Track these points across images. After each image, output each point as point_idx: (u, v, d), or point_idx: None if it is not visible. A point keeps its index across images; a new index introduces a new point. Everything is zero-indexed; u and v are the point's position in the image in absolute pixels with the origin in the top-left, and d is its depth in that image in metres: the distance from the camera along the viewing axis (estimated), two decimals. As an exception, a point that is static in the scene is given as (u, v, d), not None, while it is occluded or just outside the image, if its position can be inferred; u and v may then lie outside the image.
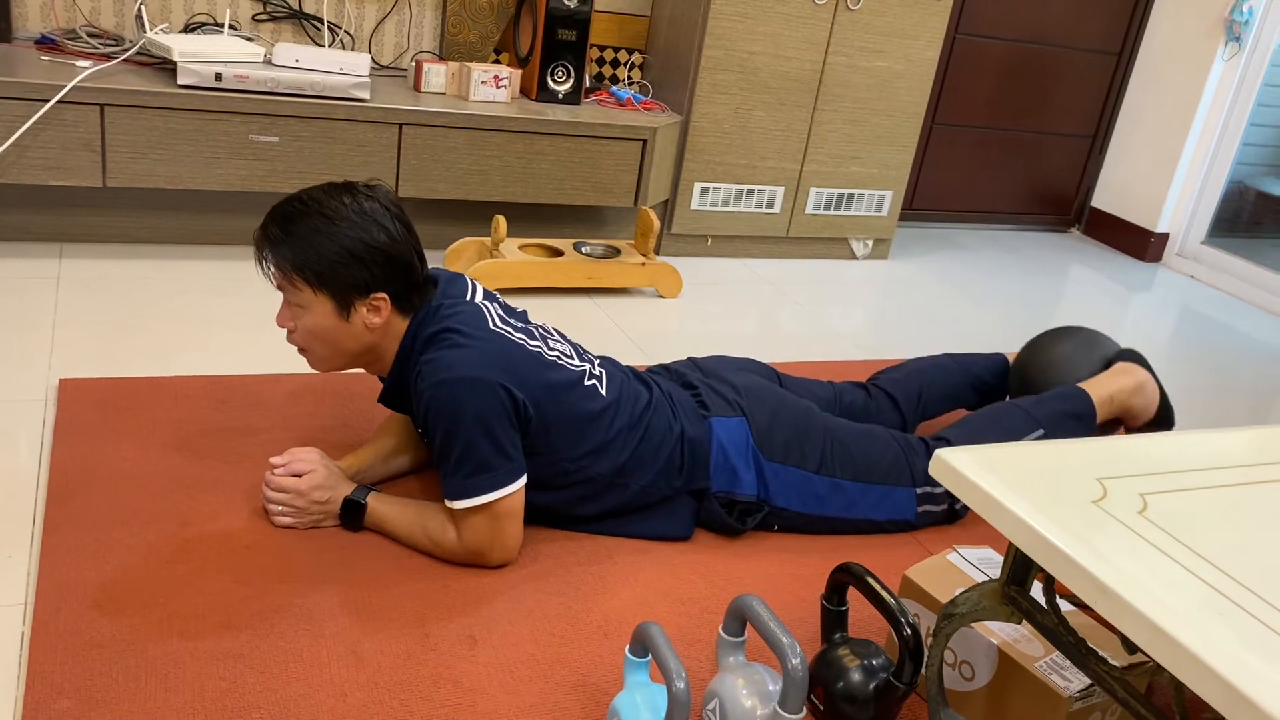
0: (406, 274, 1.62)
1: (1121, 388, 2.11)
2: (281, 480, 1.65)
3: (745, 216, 3.40)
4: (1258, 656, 0.86)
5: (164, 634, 1.41)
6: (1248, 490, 1.15)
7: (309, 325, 1.62)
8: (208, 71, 2.56)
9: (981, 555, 1.57)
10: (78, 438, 1.84)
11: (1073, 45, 4.12)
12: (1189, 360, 3.19)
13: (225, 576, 1.55)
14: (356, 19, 3.11)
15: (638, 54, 3.47)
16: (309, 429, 1.99)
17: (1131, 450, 1.21)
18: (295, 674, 1.38)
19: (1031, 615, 1.16)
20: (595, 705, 1.41)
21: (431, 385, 1.56)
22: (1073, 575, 0.96)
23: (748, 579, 1.74)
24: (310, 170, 2.70)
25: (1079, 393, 2.06)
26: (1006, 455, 1.14)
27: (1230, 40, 3.94)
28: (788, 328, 2.93)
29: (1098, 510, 1.05)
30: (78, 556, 1.54)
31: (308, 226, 1.57)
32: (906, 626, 1.33)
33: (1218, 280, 4.07)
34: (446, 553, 1.64)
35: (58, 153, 2.47)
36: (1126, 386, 2.11)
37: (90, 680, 1.32)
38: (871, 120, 3.43)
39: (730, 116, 3.24)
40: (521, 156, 2.92)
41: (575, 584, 1.65)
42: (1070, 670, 1.32)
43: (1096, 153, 4.39)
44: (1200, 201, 4.17)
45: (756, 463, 1.82)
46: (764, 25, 3.16)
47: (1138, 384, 2.12)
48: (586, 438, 1.69)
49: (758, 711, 1.28)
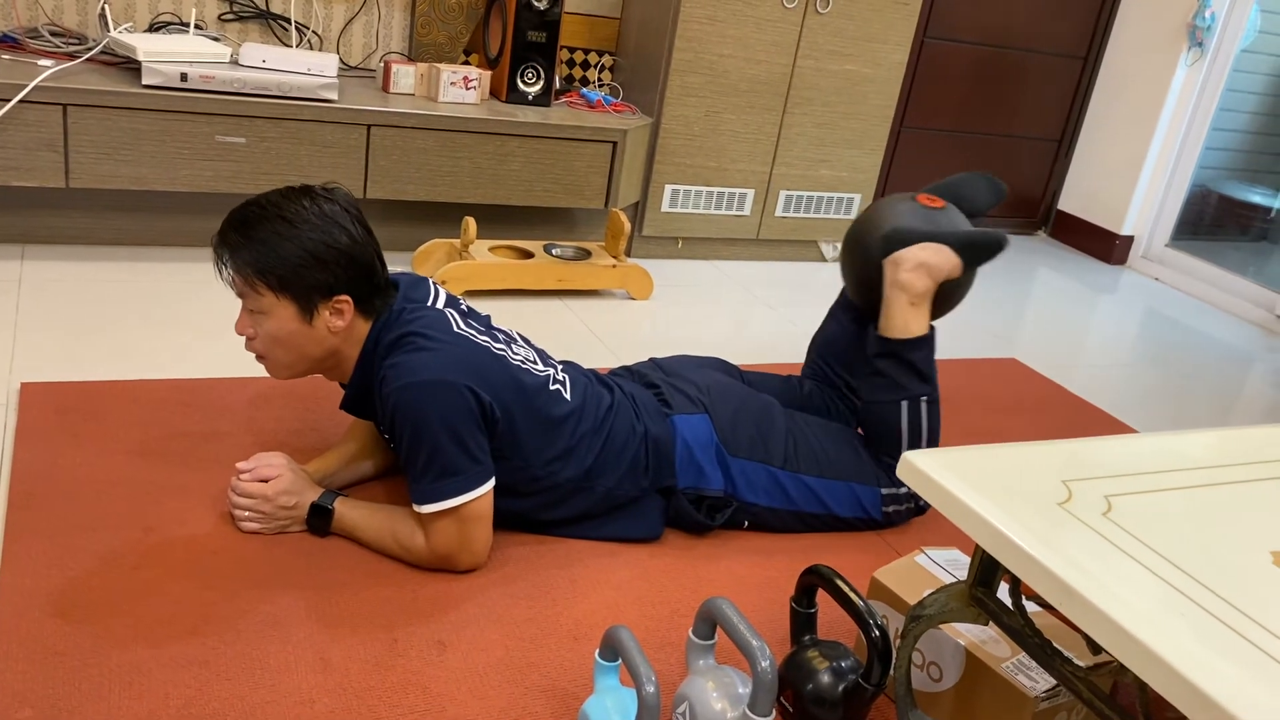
0: (368, 276, 1.61)
1: (902, 285, 1.90)
2: (247, 485, 1.64)
3: (715, 219, 3.40)
4: (1219, 655, 0.87)
5: (128, 641, 1.40)
6: (1209, 491, 1.16)
7: (271, 330, 1.60)
8: (173, 71, 2.53)
9: (949, 557, 1.58)
10: (40, 442, 1.81)
11: (1039, 49, 4.16)
12: (1153, 362, 3.23)
13: (190, 583, 1.53)
14: (324, 19, 3.08)
15: (608, 56, 3.47)
16: (275, 433, 1.97)
17: (1096, 453, 1.22)
18: (262, 681, 1.37)
19: (998, 616, 1.16)
20: (565, 710, 1.41)
21: (396, 389, 1.55)
22: (1038, 577, 0.97)
23: (717, 581, 1.74)
24: (277, 172, 2.67)
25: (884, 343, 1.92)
26: (972, 457, 1.15)
27: (1193, 45, 3.99)
28: (758, 329, 2.94)
29: (1062, 512, 1.06)
30: (40, 563, 1.52)
31: (268, 230, 1.55)
32: (875, 628, 1.33)
33: (1181, 283, 4.12)
34: (415, 558, 1.63)
35: (19, 153, 2.44)
36: (904, 281, 1.90)
37: (53, 689, 1.30)
38: (841, 123, 3.45)
39: (700, 119, 3.25)
40: (491, 158, 2.91)
41: (545, 588, 1.65)
42: (1036, 671, 1.33)
43: (1063, 156, 4.44)
44: (1164, 205, 4.23)
45: (721, 459, 1.82)
46: (734, 29, 3.17)
47: (912, 268, 1.90)
48: (553, 443, 1.69)
49: (728, 714, 1.28)
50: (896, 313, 1.92)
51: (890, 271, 1.93)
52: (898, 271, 1.92)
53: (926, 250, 1.92)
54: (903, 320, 1.91)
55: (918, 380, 1.92)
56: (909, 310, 1.92)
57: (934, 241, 1.93)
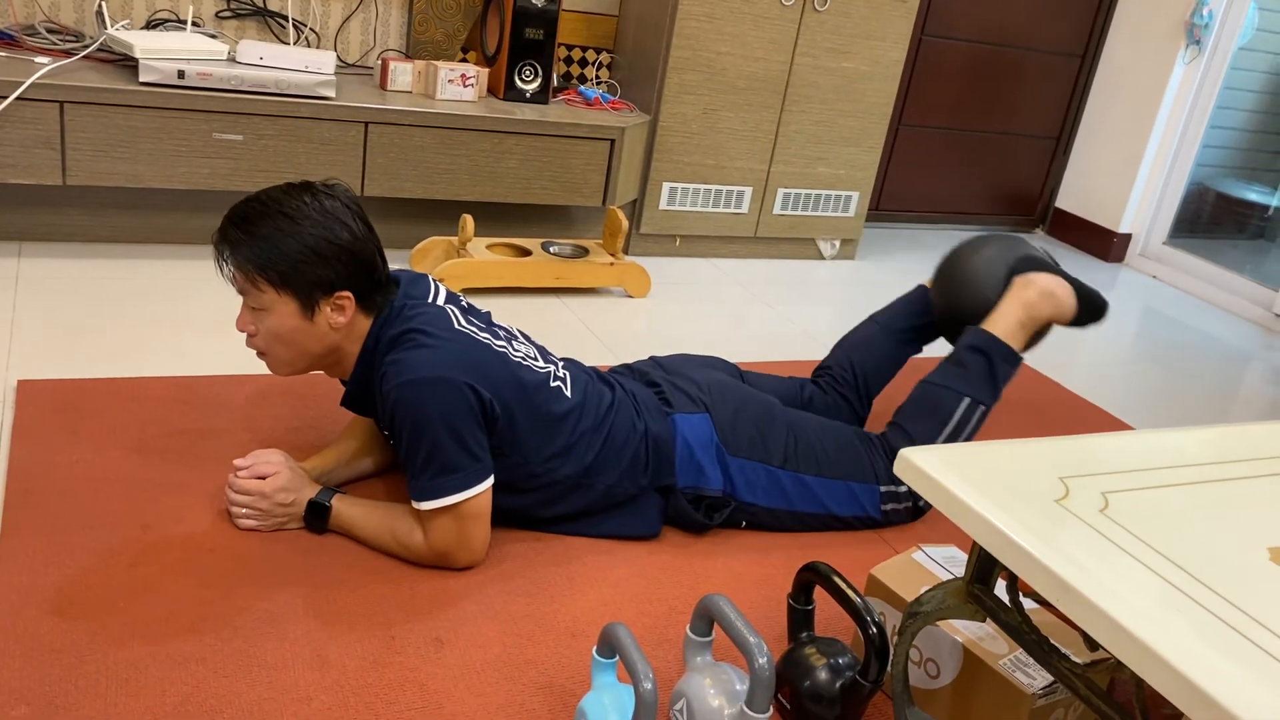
0: (369, 272, 1.61)
1: (1026, 304, 1.99)
2: (245, 483, 1.64)
3: (713, 216, 3.40)
4: (1216, 652, 0.87)
5: (125, 639, 1.40)
6: (1207, 488, 1.16)
7: (272, 327, 1.60)
8: (170, 69, 2.53)
9: (946, 554, 1.58)
10: (36, 440, 1.81)
11: (1037, 48, 4.16)
12: (1151, 359, 3.24)
13: (188, 580, 1.53)
14: (322, 16, 3.08)
15: (606, 53, 3.47)
16: (272, 431, 1.97)
17: (1094, 449, 1.22)
18: (259, 678, 1.37)
19: (995, 613, 1.17)
20: (562, 707, 1.41)
21: (396, 386, 1.55)
22: (1035, 573, 0.97)
23: (715, 578, 1.74)
24: (275, 169, 2.67)
25: (987, 339, 1.97)
26: (970, 454, 1.15)
27: (1191, 43, 3.99)
28: (756, 328, 2.94)
29: (1060, 509, 1.06)
30: (36, 561, 1.52)
31: (270, 227, 1.55)
32: (872, 625, 1.33)
33: (1179, 280, 4.12)
34: (413, 555, 1.63)
35: (16, 150, 2.43)
36: (1030, 301, 2.00)
37: (49, 686, 1.30)
38: (838, 121, 3.45)
39: (698, 117, 3.24)
40: (489, 155, 2.91)
41: (542, 585, 1.65)
42: (1034, 667, 1.34)
43: (1060, 154, 4.44)
44: (1162, 202, 4.23)
45: (721, 458, 1.82)
46: (731, 26, 3.17)
47: (1041, 292, 2.00)
48: (552, 440, 1.69)
49: (725, 711, 1.28)
50: (1007, 321, 1.99)
51: (1019, 287, 2.02)
52: (1027, 289, 2.01)
53: (1056, 283, 2.03)
54: (1008, 330, 1.98)
55: (989, 389, 1.95)
56: (1018, 327, 1.99)
57: (1065, 280, 2.05)
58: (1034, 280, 2.02)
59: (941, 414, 1.93)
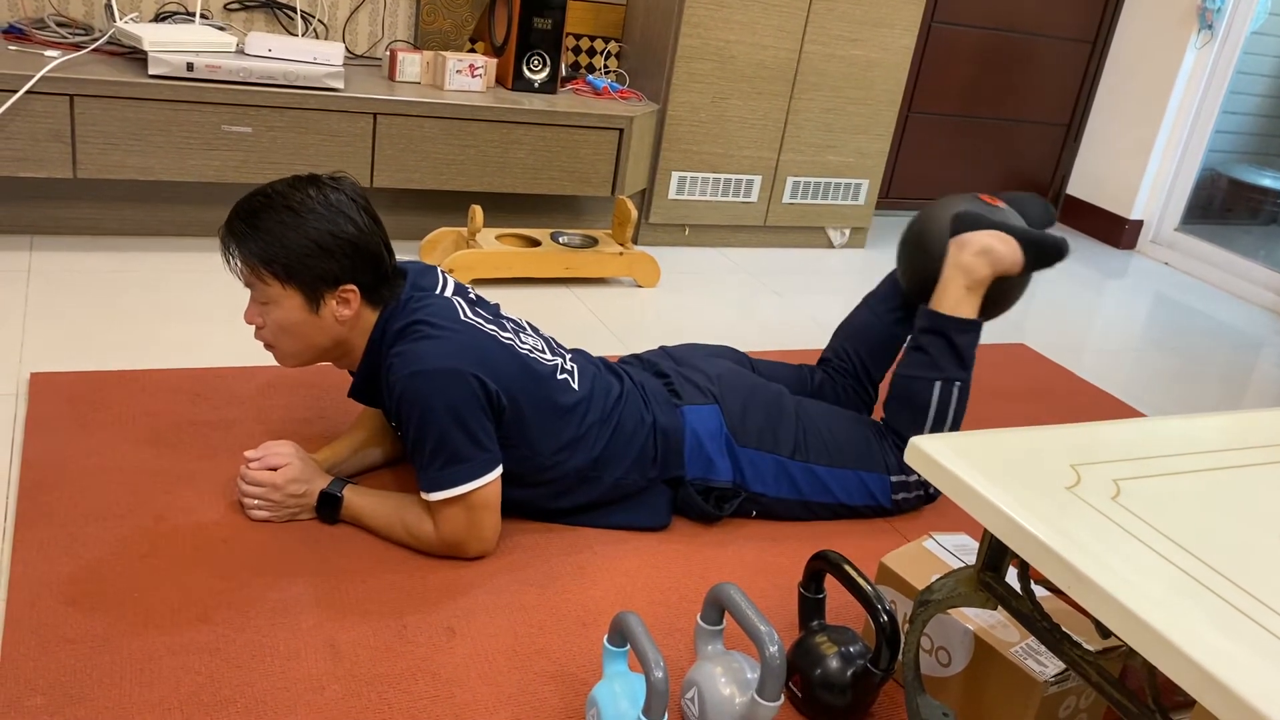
0: (375, 265, 1.61)
1: (963, 268, 1.88)
2: (257, 474, 1.64)
3: (722, 206, 3.40)
4: (1228, 639, 0.86)
5: (139, 629, 1.40)
6: (1219, 475, 1.16)
7: (278, 320, 1.60)
8: (179, 61, 2.53)
9: (957, 541, 1.58)
10: (50, 432, 1.82)
11: (1047, 34, 4.14)
12: (1163, 346, 3.22)
13: (200, 570, 1.54)
14: (330, 8, 3.08)
15: (614, 43, 3.46)
16: (284, 422, 1.97)
17: (1105, 436, 1.21)
18: (272, 668, 1.37)
19: (1007, 601, 1.16)
20: (574, 695, 1.41)
21: (403, 378, 1.55)
22: (1047, 561, 0.97)
23: (725, 567, 1.74)
24: (284, 161, 2.67)
25: (935, 318, 1.91)
26: (981, 442, 1.15)
27: (1203, 28, 3.96)
28: (766, 317, 2.94)
29: (1071, 496, 1.06)
30: (51, 551, 1.53)
31: (274, 220, 1.55)
32: (883, 613, 1.33)
33: (1191, 267, 4.10)
34: (424, 545, 1.63)
35: (27, 144, 2.44)
36: (966, 264, 1.88)
37: (64, 676, 1.31)
38: (848, 109, 3.44)
39: (707, 105, 3.24)
40: (497, 146, 2.91)
41: (553, 575, 1.65)
42: (1045, 655, 1.33)
43: (1071, 140, 4.41)
44: (1174, 188, 4.21)
45: (730, 449, 1.82)
46: (740, 14, 3.15)
47: (977, 251, 1.88)
48: (560, 432, 1.69)
49: (736, 699, 1.29)
50: (951, 292, 1.90)
51: (954, 252, 1.90)
52: (962, 253, 1.89)
53: (993, 237, 1.89)
54: (954, 301, 1.90)
55: (957, 365, 1.90)
56: (963, 293, 1.89)
57: (1002, 232, 1.90)
58: (967, 241, 1.89)
59: (918, 404, 1.91)
